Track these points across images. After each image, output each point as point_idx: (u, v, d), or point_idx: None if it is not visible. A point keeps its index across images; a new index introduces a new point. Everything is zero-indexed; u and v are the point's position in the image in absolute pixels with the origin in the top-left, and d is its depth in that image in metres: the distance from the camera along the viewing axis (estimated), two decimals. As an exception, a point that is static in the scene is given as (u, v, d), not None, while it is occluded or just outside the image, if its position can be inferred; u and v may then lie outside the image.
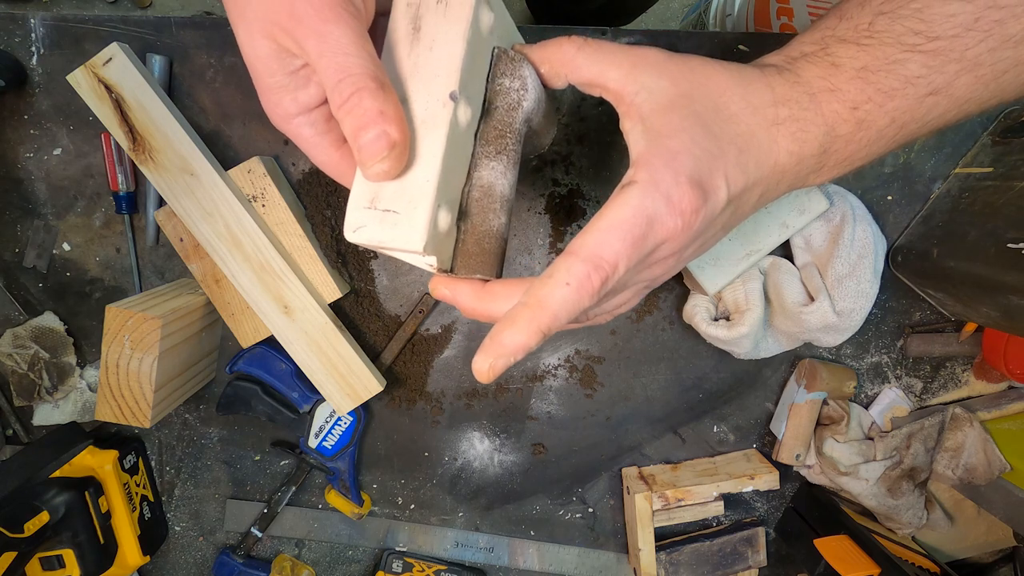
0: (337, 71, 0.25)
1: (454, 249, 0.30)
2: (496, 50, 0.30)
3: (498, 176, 0.30)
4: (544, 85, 0.32)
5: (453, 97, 0.27)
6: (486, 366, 0.25)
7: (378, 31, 0.30)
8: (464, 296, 0.30)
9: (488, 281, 0.31)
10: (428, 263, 0.28)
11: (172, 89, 0.51)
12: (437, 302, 0.55)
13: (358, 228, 0.28)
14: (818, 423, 0.55)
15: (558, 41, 0.30)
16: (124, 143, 0.46)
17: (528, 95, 0.30)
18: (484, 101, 0.30)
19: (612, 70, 0.29)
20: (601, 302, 0.29)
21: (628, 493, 0.57)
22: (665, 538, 0.58)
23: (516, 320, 0.25)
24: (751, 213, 0.31)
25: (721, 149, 0.27)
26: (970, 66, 0.27)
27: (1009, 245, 0.41)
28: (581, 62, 0.29)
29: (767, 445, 0.58)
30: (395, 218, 0.27)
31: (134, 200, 0.53)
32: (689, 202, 0.26)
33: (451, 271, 0.30)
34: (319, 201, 0.52)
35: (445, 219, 0.28)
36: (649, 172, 0.26)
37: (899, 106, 0.28)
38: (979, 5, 0.26)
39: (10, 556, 0.46)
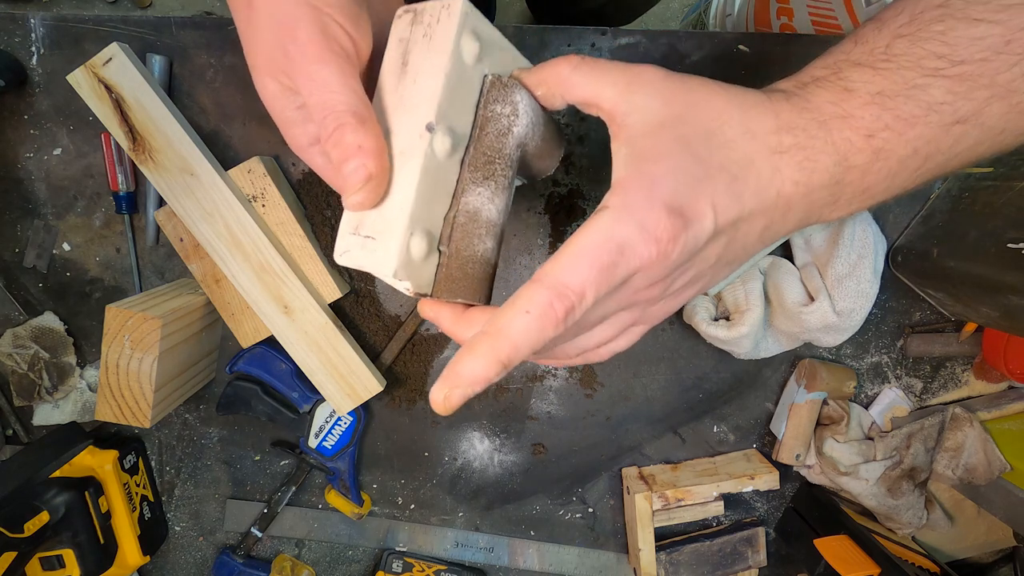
0: (322, 108, 0.27)
1: (437, 273, 0.30)
2: (489, 77, 0.30)
3: (484, 202, 0.30)
4: (545, 108, 0.32)
5: (430, 128, 0.27)
6: (441, 397, 0.25)
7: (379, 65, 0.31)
8: (445, 319, 0.31)
9: (472, 306, 0.31)
10: (404, 287, 0.28)
11: (172, 89, 0.51)
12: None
13: (344, 252, 0.29)
14: (818, 423, 0.55)
15: (554, 62, 0.30)
16: (124, 143, 0.46)
17: (519, 120, 0.30)
18: (475, 127, 0.29)
19: (606, 89, 0.28)
20: (572, 333, 0.28)
21: (628, 493, 0.57)
22: (665, 538, 0.58)
23: (474, 349, 0.25)
24: (758, 247, 0.29)
25: (709, 175, 0.25)
26: (1003, 92, 0.25)
27: (1009, 245, 0.41)
28: (576, 81, 0.29)
29: (767, 445, 0.58)
30: (373, 244, 0.28)
31: (134, 200, 0.53)
32: (665, 229, 0.24)
33: (433, 294, 0.30)
34: (319, 201, 0.52)
35: (419, 246, 0.28)
36: (623, 197, 0.25)
37: (922, 135, 0.26)
38: (1010, 27, 0.24)
39: (10, 556, 0.46)
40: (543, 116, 0.32)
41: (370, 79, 0.31)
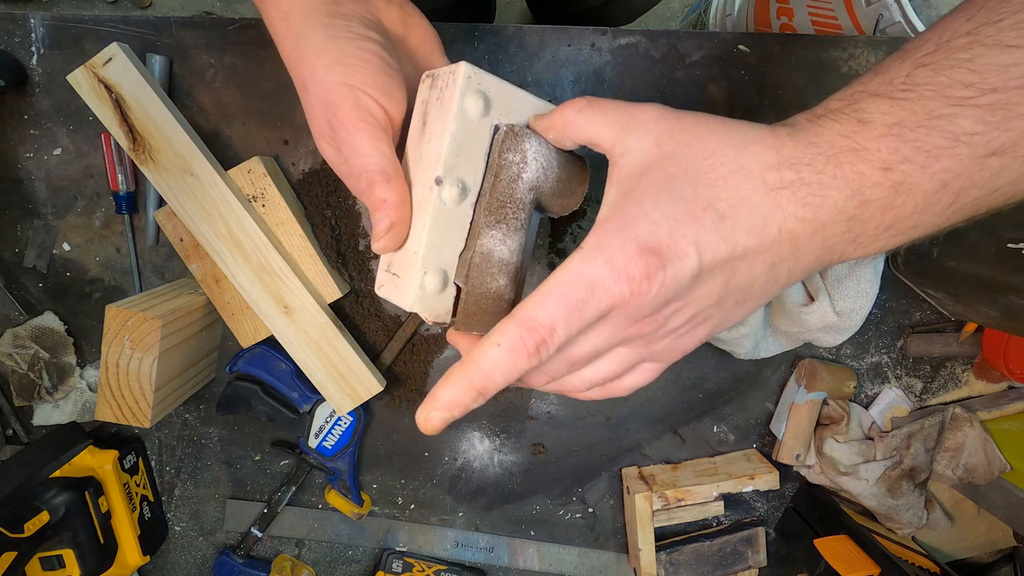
0: (358, 167, 0.33)
1: (457, 308, 0.34)
2: (503, 128, 0.33)
3: (496, 243, 0.33)
4: (562, 149, 0.34)
5: (437, 181, 0.32)
6: (422, 417, 0.28)
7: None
8: (463, 350, 0.34)
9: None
10: (424, 316, 0.34)
11: (172, 89, 0.51)
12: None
13: (380, 286, 0.35)
14: (818, 423, 0.55)
15: (562, 106, 0.32)
16: (124, 143, 0.46)
17: (528, 167, 0.33)
18: (491, 175, 0.33)
19: (606, 130, 0.29)
20: (564, 366, 0.29)
21: (628, 493, 0.57)
22: (665, 538, 0.58)
23: (450, 377, 0.28)
24: (773, 285, 0.28)
25: (692, 215, 0.26)
26: None
27: (1009, 245, 0.41)
28: (580, 123, 0.30)
29: (767, 445, 0.58)
30: (397, 281, 0.34)
31: (134, 200, 0.53)
32: (637, 268, 0.25)
33: (455, 327, 0.34)
34: (319, 201, 0.52)
35: (433, 283, 0.33)
36: (598, 238, 0.26)
37: (949, 167, 0.24)
38: None
39: (10, 556, 0.46)
40: (559, 158, 0.34)
41: (405, 138, 0.36)
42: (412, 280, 0.33)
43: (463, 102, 0.32)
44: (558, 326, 0.26)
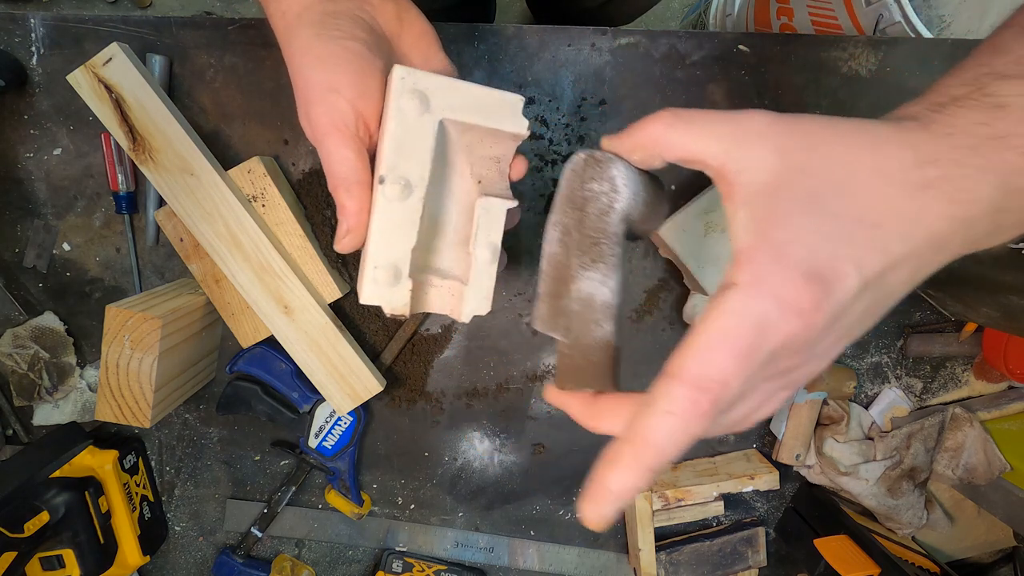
0: (328, 171, 0.35)
1: (558, 363, 0.30)
2: (582, 155, 0.30)
3: (596, 285, 0.29)
4: (644, 170, 0.31)
5: (380, 180, 0.34)
6: (594, 514, 0.24)
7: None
8: (574, 410, 0.30)
9: (599, 394, 0.30)
10: (384, 309, 0.36)
11: (172, 89, 0.51)
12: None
13: (356, 280, 0.39)
14: (818, 423, 0.55)
15: (645, 123, 0.28)
16: (124, 143, 0.46)
17: (619, 196, 0.30)
18: (575, 210, 0.30)
19: (711, 145, 0.26)
20: (719, 420, 0.26)
21: (628, 493, 0.57)
22: (665, 538, 0.58)
23: (618, 460, 0.23)
24: (905, 290, 0.26)
25: (846, 231, 0.23)
26: None
27: (1009, 245, 0.41)
28: (674, 140, 0.27)
29: (767, 445, 0.58)
30: (359, 275, 0.37)
31: (134, 200, 0.53)
32: (806, 300, 0.22)
33: (558, 386, 0.30)
34: (319, 201, 0.52)
35: (384, 276, 0.35)
36: (753, 271, 0.23)
37: None
38: None
39: (10, 556, 0.46)
40: (643, 179, 0.31)
41: None
42: (366, 275, 0.35)
43: (399, 103, 0.34)
44: (732, 380, 0.22)
